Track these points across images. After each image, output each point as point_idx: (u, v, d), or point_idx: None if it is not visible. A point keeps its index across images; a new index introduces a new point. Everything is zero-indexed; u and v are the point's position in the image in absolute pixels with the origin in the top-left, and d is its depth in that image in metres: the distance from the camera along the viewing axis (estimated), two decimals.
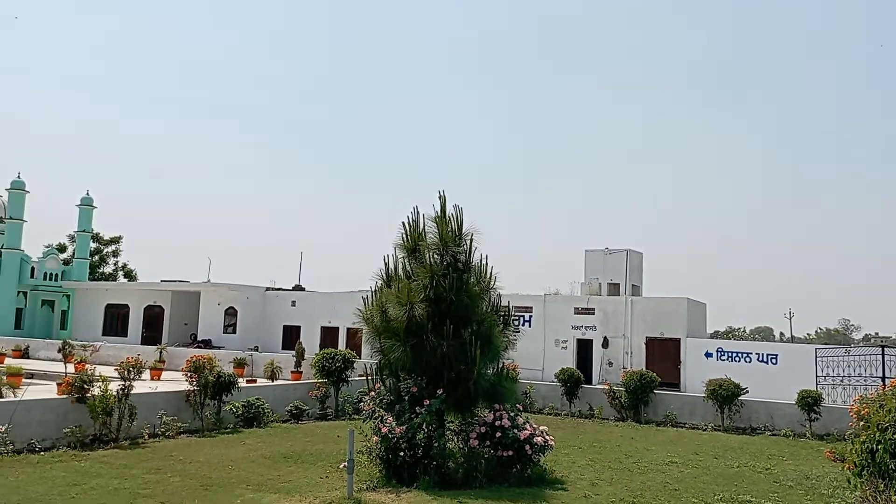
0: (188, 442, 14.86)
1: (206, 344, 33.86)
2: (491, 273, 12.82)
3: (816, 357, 23.30)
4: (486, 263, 12.82)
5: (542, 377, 25.96)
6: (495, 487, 11.22)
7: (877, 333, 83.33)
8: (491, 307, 12.80)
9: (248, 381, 20.12)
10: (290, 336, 33.86)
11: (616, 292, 29.51)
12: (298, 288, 38.77)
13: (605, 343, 27.80)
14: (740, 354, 25.13)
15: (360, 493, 10.36)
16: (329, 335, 33.25)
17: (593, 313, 28.29)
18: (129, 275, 55.50)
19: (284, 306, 35.69)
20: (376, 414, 11.87)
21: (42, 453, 12.77)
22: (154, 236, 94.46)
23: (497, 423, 11.91)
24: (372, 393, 12.48)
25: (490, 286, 12.83)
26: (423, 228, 12.75)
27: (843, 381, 22.44)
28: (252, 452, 13.88)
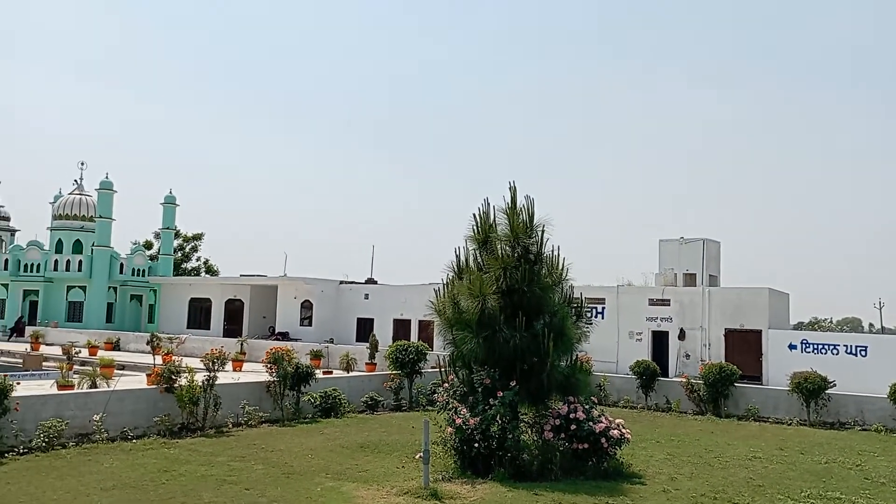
0: (269, 431, 15.35)
1: (284, 336, 34.78)
2: (563, 264, 12.76)
3: None
4: (558, 255, 12.76)
5: (616, 370, 25.54)
6: (571, 480, 11.14)
7: None
8: (563, 299, 12.71)
9: (324, 373, 20.56)
10: (364, 328, 34.48)
11: (692, 283, 28.75)
12: (371, 281, 39.35)
13: (682, 335, 27.14)
14: (827, 346, 24.11)
15: (436, 484, 10.46)
16: (401, 327, 33.68)
17: (669, 304, 27.65)
18: (211, 270, 57.53)
19: (358, 299, 36.31)
20: (450, 405, 11.97)
21: (134, 441, 13.38)
22: (230, 233, 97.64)
23: (571, 415, 11.82)
24: (445, 384, 12.58)
25: (562, 278, 12.75)
26: (494, 220, 12.76)
27: None
28: (330, 442, 14.23)
